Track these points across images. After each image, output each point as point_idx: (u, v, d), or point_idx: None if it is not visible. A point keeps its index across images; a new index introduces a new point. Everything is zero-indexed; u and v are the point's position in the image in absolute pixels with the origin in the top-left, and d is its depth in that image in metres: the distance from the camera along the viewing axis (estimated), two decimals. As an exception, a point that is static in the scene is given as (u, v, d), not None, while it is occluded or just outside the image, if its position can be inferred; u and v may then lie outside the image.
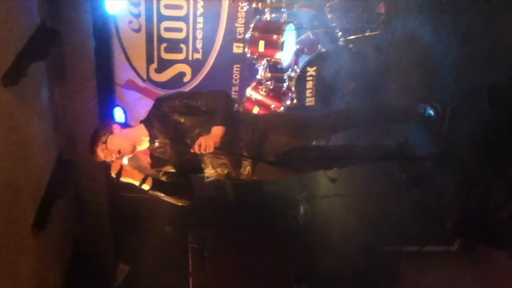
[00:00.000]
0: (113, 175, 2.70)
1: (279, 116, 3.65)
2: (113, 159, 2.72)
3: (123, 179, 2.74)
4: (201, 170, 3.01)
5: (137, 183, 2.80)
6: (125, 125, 2.91)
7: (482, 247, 2.86)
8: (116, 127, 2.78)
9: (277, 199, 5.00)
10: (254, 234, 4.88)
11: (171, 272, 4.81)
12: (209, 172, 3.01)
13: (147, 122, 2.90)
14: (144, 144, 2.89)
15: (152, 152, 2.96)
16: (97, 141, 2.69)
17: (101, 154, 2.71)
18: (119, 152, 2.72)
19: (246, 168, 2.99)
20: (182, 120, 2.87)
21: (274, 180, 3.87)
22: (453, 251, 3.10)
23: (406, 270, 3.47)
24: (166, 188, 2.92)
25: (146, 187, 2.82)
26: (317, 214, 4.90)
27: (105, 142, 2.68)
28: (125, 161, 2.81)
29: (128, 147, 2.78)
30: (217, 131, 2.72)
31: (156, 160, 2.96)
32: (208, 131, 2.76)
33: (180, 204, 2.95)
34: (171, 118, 2.86)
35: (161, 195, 2.89)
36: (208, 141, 2.62)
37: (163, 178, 2.97)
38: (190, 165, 2.96)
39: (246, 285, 4.63)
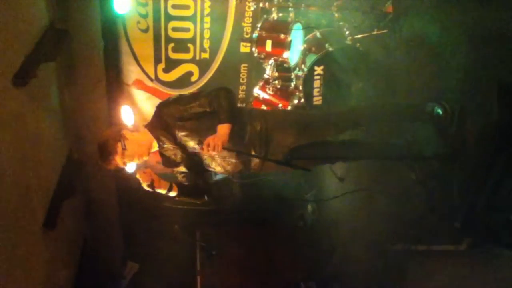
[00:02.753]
0: (146, 187, 2.72)
1: (285, 116, 3.63)
2: (132, 163, 2.75)
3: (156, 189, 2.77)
4: (213, 169, 3.03)
5: (164, 192, 2.84)
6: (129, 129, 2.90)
7: (491, 246, 2.85)
8: (126, 132, 2.76)
9: (285, 198, 5.01)
10: (262, 233, 4.89)
11: (179, 270, 4.83)
12: (220, 171, 3.02)
13: (152, 128, 2.87)
14: (154, 148, 2.90)
15: (162, 152, 2.96)
16: (114, 148, 2.67)
17: (120, 161, 2.69)
18: (139, 156, 2.75)
19: (257, 164, 3.02)
20: (187, 125, 2.83)
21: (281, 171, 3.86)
22: (462, 251, 3.09)
23: (414, 269, 3.46)
24: (189, 192, 2.98)
25: (173, 194, 2.87)
26: (325, 213, 4.90)
27: (125, 148, 2.67)
28: (133, 166, 2.84)
29: (145, 150, 2.79)
30: (223, 129, 2.68)
31: (168, 160, 2.97)
32: None
33: (200, 202, 2.99)
34: (176, 124, 2.84)
35: (186, 199, 2.94)
36: (216, 141, 2.59)
37: (178, 177, 3.01)
38: (201, 166, 2.99)
39: (254, 283, 4.65)
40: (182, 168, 2.97)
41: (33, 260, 2.94)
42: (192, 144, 2.85)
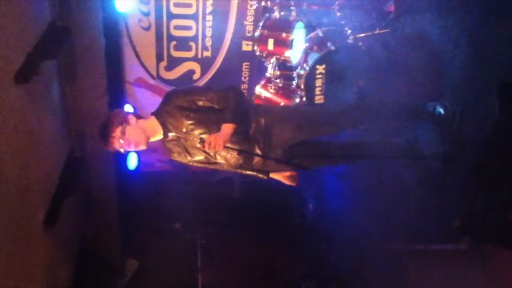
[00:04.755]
0: None
1: (285, 110, 3.65)
2: (129, 149, 2.76)
3: None
4: (216, 162, 3.05)
5: None
6: (137, 115, 2.90)
7: (490, 245, 2.86)
8: (131, 118, 2.78)
9: (284, 196, 5.01)
10: (262, 231, 4.89)
11: (180, 268, 4.83)
12: (223, 162, 3.03)
13: (159, 116, 2.90)
14: (158, 136, 2.90)
15: (165, 143, 2.99)
16: (114, 130, 2.69)
17: (117, 144, 2.71)
18: (135, 144, 2.76)
19: (259, 162, 3.03)
20: (193, 115, 2.87)
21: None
22: (461, 250, 3.10)
23: (413, 268, 3.47)
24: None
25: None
26: (325, 212, 4.90)
27: (124, 133, 2.69)
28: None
29: (144, 139, 2.80)
30: (226, 128, 2.72)
31: (170, 151, 3.01)
32: None
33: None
34: (183, 113, 2.87)
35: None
36: (217, 139, 2.62)
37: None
38: (204, 156, 3.00)
39: (254, 281, 4.65)
40: (183, 159, 3.01)
41: (33, 258, 2.95)
42: (197, 133, 2.88)
